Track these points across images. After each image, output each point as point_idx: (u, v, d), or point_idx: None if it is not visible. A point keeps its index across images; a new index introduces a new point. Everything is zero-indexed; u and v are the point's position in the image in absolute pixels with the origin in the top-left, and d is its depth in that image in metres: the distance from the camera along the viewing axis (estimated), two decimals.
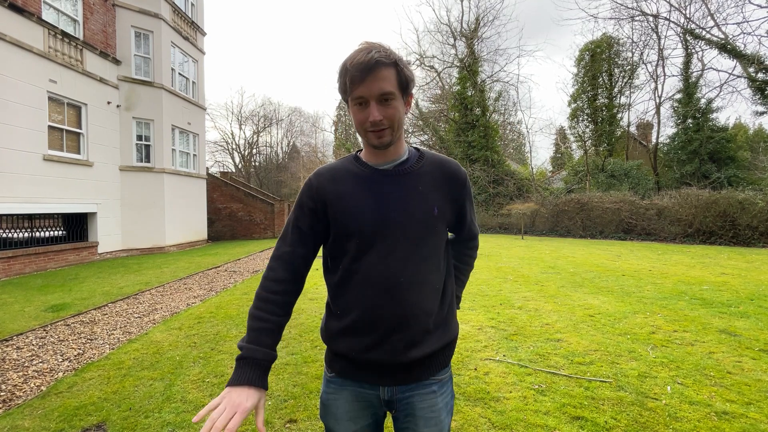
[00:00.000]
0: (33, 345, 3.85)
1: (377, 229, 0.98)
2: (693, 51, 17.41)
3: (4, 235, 8.41)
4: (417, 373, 1.01)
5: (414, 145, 1.15)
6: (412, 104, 1.07)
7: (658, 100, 19.08)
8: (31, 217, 9.08)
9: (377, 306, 0.97)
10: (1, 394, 2.86)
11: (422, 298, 1.00)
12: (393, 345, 0.97)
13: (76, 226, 10.31)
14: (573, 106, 20.74)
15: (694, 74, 17.54)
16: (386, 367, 1.00)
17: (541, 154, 58.71)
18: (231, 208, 17.52)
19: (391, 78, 0.95)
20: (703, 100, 17.40)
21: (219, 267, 8.90)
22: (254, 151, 39.54)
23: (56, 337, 4.10)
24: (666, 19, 17.70)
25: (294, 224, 1.06)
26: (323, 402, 1.09)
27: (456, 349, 3.41)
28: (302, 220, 1.05)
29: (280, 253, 1.06)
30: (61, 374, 3.18)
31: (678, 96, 18.15)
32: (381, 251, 0.98)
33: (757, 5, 14.90)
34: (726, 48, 15.32)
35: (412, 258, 0.99)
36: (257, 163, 40.31)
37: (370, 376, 1.02)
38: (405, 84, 0.98)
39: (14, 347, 3.79)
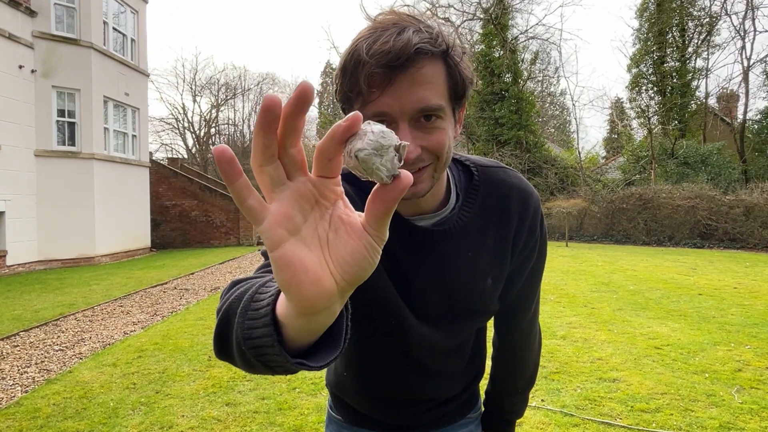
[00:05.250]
0: None
1: (401, 332, 0.93)
2: None
3: None
4: (451, 415, 1.10)
5: (460, 156, 0.96)
6: None
7: (746, 64, 19.10)
8: None
9: (387, 390, 1.03)
10: None
11: (450, 379, 1.06)
12: (413, 410, 1.05)
13: None
14: (634, 71, 20.76)
15: None
16: (415, 416, 1.07)
17: (591, 134, 58.72)
18: (182, 205, 17.52)
19: (438, 80, 0.74)
20: None
21: (166, 284, 8.89)
22: (213, 130, 39.55)
23: None
24: None
25: None
26: None
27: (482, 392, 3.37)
28: None
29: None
30: None
31: None
32: (400, 350, 0.97)
33: None
34: None
35: (443, 352, 1.00)
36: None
37: (396, 425, 1.07)
38: (460, 90, 0.77)
39: None
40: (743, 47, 19.13)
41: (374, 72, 0.69)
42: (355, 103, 0.75)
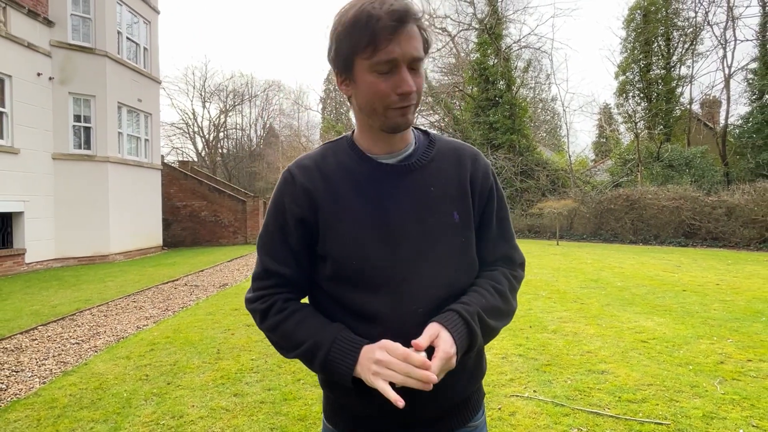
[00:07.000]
0: None
1: (386, 265, 0.94)
2: None
3: None
4: (452, 421, 1.03)
5: (420, 127, 1.11)
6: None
7: (727, 71, 19.09)
8: None
9: None
10: None
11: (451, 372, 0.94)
12: (412, 408, 0.91)
13: None
14: (621, 78, 20.74)
15: None
16: (414, 422, 0.98)
17: (580, 138, 58.91)
18: (192, 206, 17.53)
19: (420, 38, 0.92)
20: None
21: (177, 280, 8.91)
22: (221, 135, 39.56)
23: None
24: None
25: (281, 239, 1.00)
26: None
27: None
28: (290, 234, 0.99)
29: (272, 278, 1.00)
30: None
31: (753, 66, 18.15)
32: (390, 291, 0.94)
33: None
34: None
35: (435, 290, 0.96)
36: (225, 150, 40.31)
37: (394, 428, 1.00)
38: (425, 49, 0.94)
39: None
40: (725, 56, 19.13)
41: (389, 24, 0.85)
42: (362, 54, 0.88)
